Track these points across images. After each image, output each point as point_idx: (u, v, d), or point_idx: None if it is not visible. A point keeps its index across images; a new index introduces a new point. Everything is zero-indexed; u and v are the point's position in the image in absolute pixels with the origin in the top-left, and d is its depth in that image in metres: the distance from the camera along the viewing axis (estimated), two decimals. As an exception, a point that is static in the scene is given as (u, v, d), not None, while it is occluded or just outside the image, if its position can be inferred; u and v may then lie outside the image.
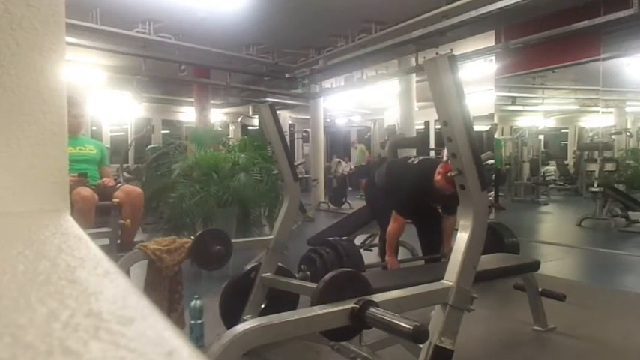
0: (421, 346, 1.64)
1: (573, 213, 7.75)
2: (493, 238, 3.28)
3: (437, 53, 5.15)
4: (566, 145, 11.59)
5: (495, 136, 8.66)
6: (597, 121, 8.60)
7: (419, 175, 3.11)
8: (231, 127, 13.65)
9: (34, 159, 0.73)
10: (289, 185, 2.57)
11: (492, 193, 8.20)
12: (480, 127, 9.57)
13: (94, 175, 3.35)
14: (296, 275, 2.72)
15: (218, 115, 12.47)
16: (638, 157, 7.81)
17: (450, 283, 1.72)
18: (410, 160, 3.36)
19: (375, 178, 3.59)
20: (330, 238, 3.06)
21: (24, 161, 0.72)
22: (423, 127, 11.98)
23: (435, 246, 3.38)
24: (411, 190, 3.12)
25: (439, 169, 2.94)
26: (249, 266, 2.67)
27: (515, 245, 3.48)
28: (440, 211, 3.40)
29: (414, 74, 7.46)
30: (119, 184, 3.56)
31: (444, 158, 3.10)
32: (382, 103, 12.32)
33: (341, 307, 1.48)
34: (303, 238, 4.28)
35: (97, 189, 3.19)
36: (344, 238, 3.22)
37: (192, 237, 2.58)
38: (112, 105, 10.05)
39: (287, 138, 3.94)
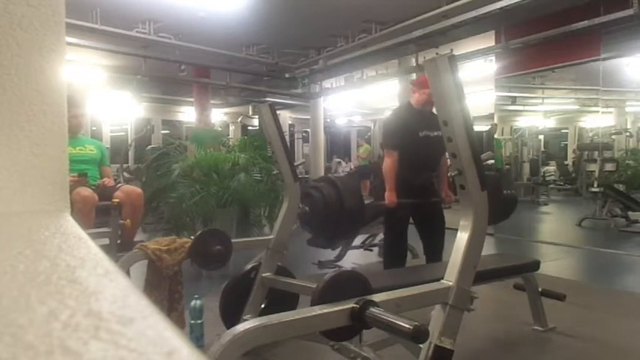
0: (421, 346, 1.64)
1: (573, 213, 7.75)
2: (491, 189, 3.24)
3: (437, 53, 5.15)
4: (566, 145, 11.58)
5: (495, 136, 8.66)
6: (597, 121, 8.59)
7: (396, 110, 3.40)
8: (231, 127, 13.65)
9: (34, 159, 0.73)
10: (289, 185, 2.57)
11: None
12: (480, 127, 9.57)
13: (94, 175, 3.36)
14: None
15: (218, 115, 12.47)
16: (638, 157, 7.81)
17: (450, 283, 1.72)
18: None
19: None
20: (329, 175, 3.08)
21: (24, 161, 0.72)
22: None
23: (439, 252, 3.34)
24: (395, 120, 3.21)
25: (412, 88, 3.19)
26: (249, 266, 2.67)
27: (512, 198, 3.43)
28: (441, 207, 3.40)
29: (414, 74, 7.45)
30: (119, 184, 3.56)
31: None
32: (382, 103, 12.32)
33: (341, 307, 1.48)
34: (303, 238, 4.27)
35: (97, 189, 3.19)
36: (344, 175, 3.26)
37: (192, 237, 2.58)
38: (112, 105, 10.04)
39: (287, 138, 3.93)
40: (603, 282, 4.06)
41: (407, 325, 1.37)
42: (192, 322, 2.51)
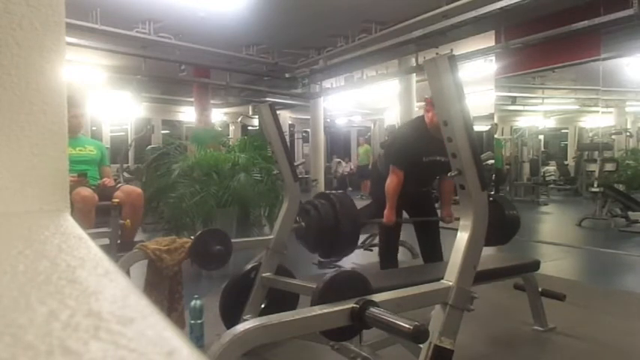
0: (421, 346, 1.64)
1: (573, 213, 7.75)
2: (494, 210, 3.24)
3: (437, 53, 5.15)
4: (566, 145, 11.59)
5: (495, 136, 8.67)
6: (597, 121, 8.60)
7: (409, 125, 3.29)
8: (231, 127, 13.66)
9: (34, 159, 0.73)
10: (289, 185, 2.57)
11: (492, 193, 8.21)
12: (480, 127, 9.58)
13: (94, 175, 3.35)
14: None
15: (218, 115, 12.47)
16: (638, 157, 7.81)
17: (450, 283, 1.72)
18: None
19: (378, 166, 3.58)
20: (325, 191, 3.07)
21: (24, 161, 0.72)
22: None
23: (438, 250, 3.33)
24: (404, 138, 3.12)
25: (426, 107, 3.03)
26: (249, 266, 2.66)
27: (515, 218, 3.45)
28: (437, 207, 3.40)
29: (414, 74, 7.46)
30: (119, 184, 3.56)
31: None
32: (382, 103, 12.32)
33: (341, 307, 1.48)
34: (303, 238, 4.28)
35: (97, 189, 3.19)
36: (339, 191, 3.24)
37: (192, 237, 2.58)
38: (112, 105, 10.05)
39: (287, 138, 3.94)
40: (603, 282, 4.05)
41: (407, 325, 1.36)
42: (192, 322, 2.51)
